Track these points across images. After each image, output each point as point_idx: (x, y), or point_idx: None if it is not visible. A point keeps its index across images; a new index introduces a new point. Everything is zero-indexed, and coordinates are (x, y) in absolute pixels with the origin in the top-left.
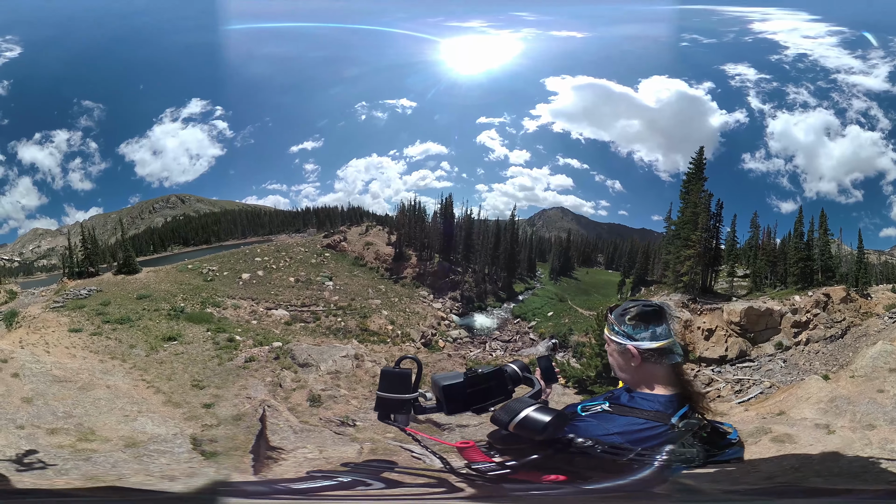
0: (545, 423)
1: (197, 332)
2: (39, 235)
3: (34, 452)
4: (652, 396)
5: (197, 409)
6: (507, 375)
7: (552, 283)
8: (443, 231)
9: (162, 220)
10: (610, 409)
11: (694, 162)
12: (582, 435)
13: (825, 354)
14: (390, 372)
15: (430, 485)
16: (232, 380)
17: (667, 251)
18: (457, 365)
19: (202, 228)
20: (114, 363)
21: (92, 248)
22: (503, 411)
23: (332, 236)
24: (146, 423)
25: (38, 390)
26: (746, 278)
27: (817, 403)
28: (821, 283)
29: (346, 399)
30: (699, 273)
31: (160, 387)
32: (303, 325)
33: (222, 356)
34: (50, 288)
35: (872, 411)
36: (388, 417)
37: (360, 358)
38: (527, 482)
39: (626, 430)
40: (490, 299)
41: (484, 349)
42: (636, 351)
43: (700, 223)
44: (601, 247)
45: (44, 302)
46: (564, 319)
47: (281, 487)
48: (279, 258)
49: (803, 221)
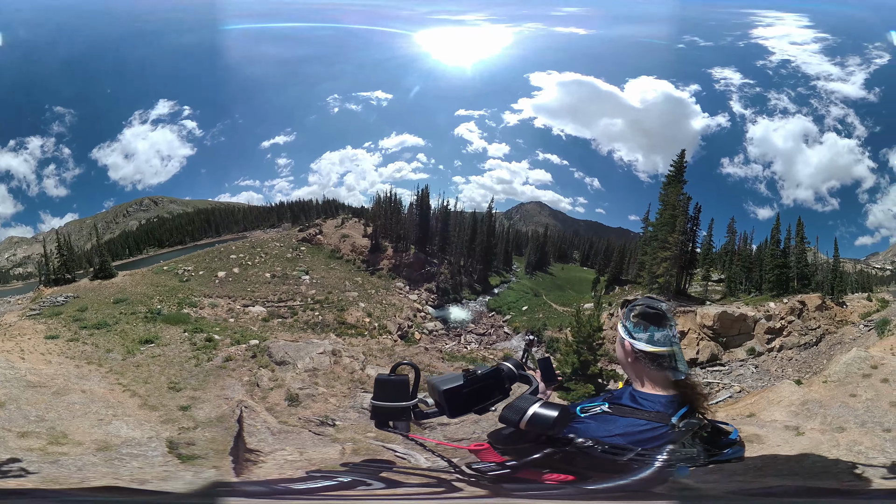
0: (554, 419)
1: (174, 333)
2: (15, 244)
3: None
4: (653, 397)
5: (174, 412)
6: (504, 374)
7: (527, 278)
8: (419, 222)
9: (136, 224)
10: (610, 410)
11: (674, 164)
12: (583, 436)
13: (798, 361)
14: (385, 379)
15: (429, 485)
16: (211, 381)
17: (643, 252)
18: (434, 359)
19: (176, 229)
20: (90, 368)
21: (68, 254)
22: (510, 411)
23: (307, 230)
24: (121, 426)
25: (10, 395)
26: (721, 283)
27: (789, 406)
28: (796, 291)
29: (324, 397)
30: (674, 275)
31: (136, 390)
32: (280, 320)
33: (200, 357)
34: (26, 296)
35: (843, 414)
36: (386, 425)
37: (338, 354)
38: (527, 482)
39: (627, 432)
40: (465, 291)
41: (459, 342)
42: (630, 348)
43: (678, 226)
44: (577, 243)
45: (20, 310)
46: (539, 314)
47: (281, 488)
48: (254, 254)
49: (780, 229)
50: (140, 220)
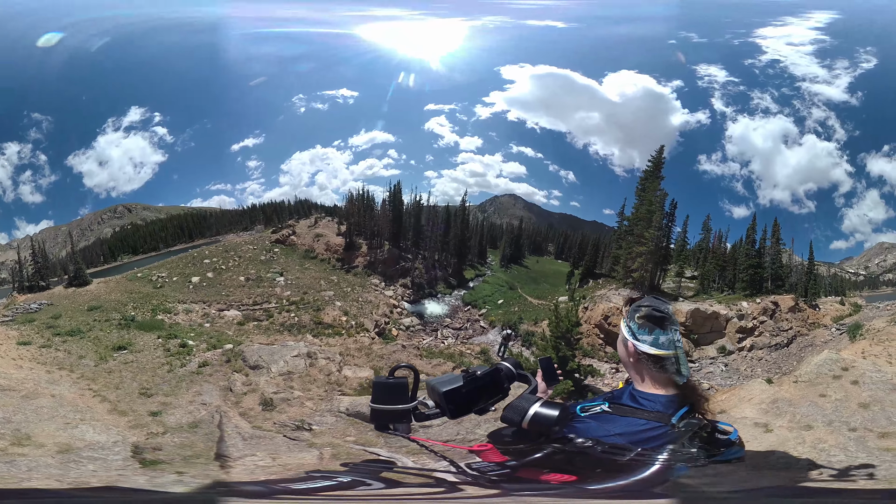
0: (556, 418)
1: (148, 339)
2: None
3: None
4: (653, 396)
5: (143, 417)
6: (504, 374)
7: (502, 271)
8: (392, 218)
9: (111, 231)
10: (610, 410)
11: (652, 160)
12: (583, 436)
13: (768, 362)
14: (384, 382)
15: (429, 485)
16: (184, 386)
17: (617, 246)
18: (412, 356)
19: (150, 236)
20: (61, 373)
21: (42, 261)
22: (511, 411)
23: (280, 231)
24: (87, 430)
25: None
26: (694, 280)
27: (759, 404)
28: (769, 292)
29: (300, 401)
30: (649, 270)
31: (107, 395)
32: (256, 323)
33: (173, 363)
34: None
35: (812, 413)
36: (386, 428)
37: (314, 356)
38: (527, 482)
39: (627, 432)
40: (441, 286)
41: (436, 337)
42: (633, 349)
43: (654, 221)
44: (552, 236)
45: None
46: (514, 308)
47: (280, 488)
48: (228, 258)
49: (756, 229)
50: (114, 228)
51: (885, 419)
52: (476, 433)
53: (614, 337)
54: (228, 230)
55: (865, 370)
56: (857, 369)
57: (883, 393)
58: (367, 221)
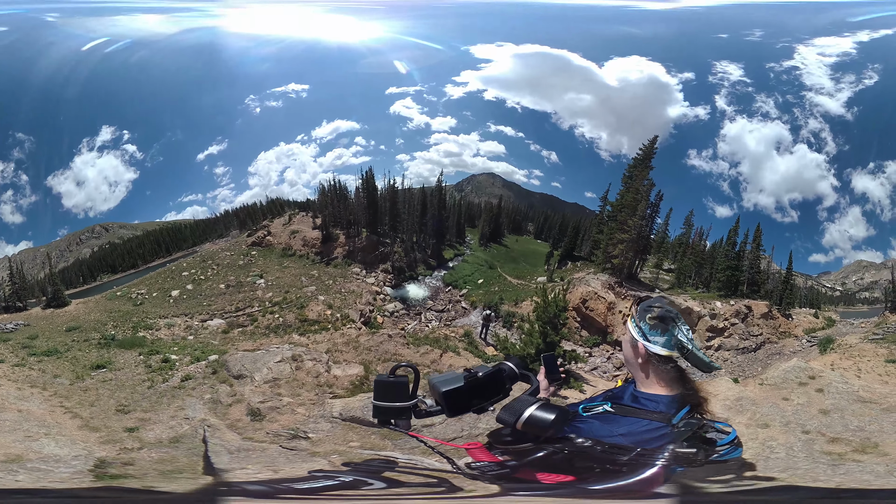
0: (551, 420)
1: (128, 357)
2: None
3: None
4: (656, 397)
5: (118, 433)
6: (506, 374)
7: (482, 250)
8: (367, 205)
9: (89, 251)
10: (612, 410)
11: (644, 148)
12: (585, 436)
13: (734, 364)
14: (384, 381)
15: (430, 484)
16: (165, 401)
17: (598, 230)
18: (399, 346)
19: (128, 253)
20: (33, 391)
21: (20, 282)
22: (506, 412)
23: (255, 233)
24: (48, 443)
25: None
26: (671, 273)
27: (724, 401)
28: (744, 295)
29: (290, 408)
30: (629, 258)
31: (80, 412)
32: (241, 329)
33: (154, 378)
34: None
35: (771, 413)
36: (388, 423)
37: (299, 359)
38: (527, 482)
39: (631, 432)
40: (421, 268)
41: (420, 321)
42: (643, 351)
43: (639, 210)
44: (532, 216)
45: None
46: (494, 287)
47: (283, 487)
48: (206, 268)
49: (738, 231)
50: (93, 248)
51: (842, 426)
52: (479, 430)
53: (591, 321)
54: (204, 239)
55: (832, 380)
56: (825, 379)
57: (846, 402)
58: (342, 211)
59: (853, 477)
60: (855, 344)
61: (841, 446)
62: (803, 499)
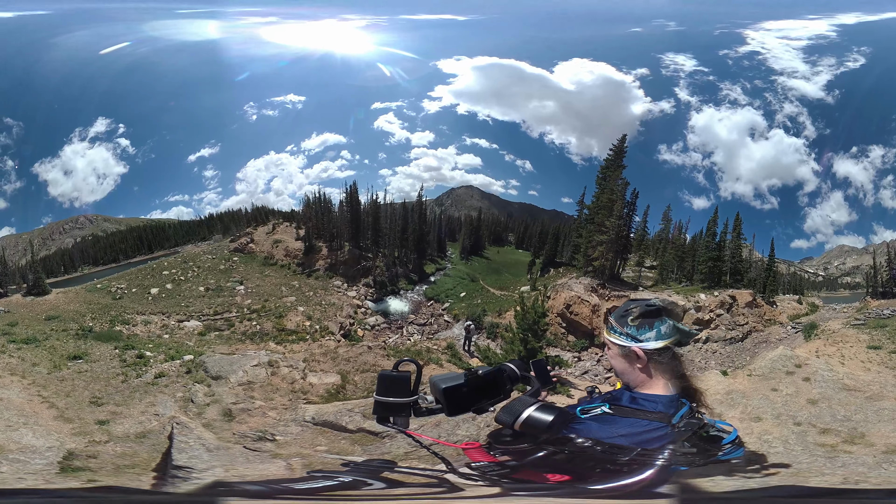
0: (549, 422)
1: (104, 350)
2: None
3: None
4: (654, 397)
5: (89, 426)
6: (507, 376)
7: (463, 263)
8: (350, 219)
9: (72, 241)
10: (611, 412)
11: (614, 148)
12: (584, 437)
13: (722, 355)
14: (388, 375)
15: (430, 484)
16: (138, 397)
17: (577, 234)
18: (379, 357)
19: (110, 247)
20: (12, 378)
21: (1, 268)
22: (505, 412)
23: (238, 239)
24: (26, 434)
25: None
26: (654, 270)
27: (714, 395)
28: (728, 285)
29: (262, 411)
30: (610, 259)
31: (56, 402)
32: (217, 333)
33: (128, 373)
34: None
35: (762, 406)
36: (387, 420)
37: (275, 364)
38: (527, 482)
39: (630, 433)
40: (402, 282)
41: (402, 334)
42: (641, 352)
43: (616, 210)
44: (512, 226)
45: None
46: (477, 300)
47: (282, 487)
48: (187, 269)
49: (718, 222)
50: (76, 238)
51: (830, 416)
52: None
53: (577, 325)
54: (187, 241)
55: (818, 368)
56: (811, 367)
57: (832, 391)
58: (325, 224)
59: (851, 470)
60: (838, 329)
61: (832, 437)
62: (807, 497)
